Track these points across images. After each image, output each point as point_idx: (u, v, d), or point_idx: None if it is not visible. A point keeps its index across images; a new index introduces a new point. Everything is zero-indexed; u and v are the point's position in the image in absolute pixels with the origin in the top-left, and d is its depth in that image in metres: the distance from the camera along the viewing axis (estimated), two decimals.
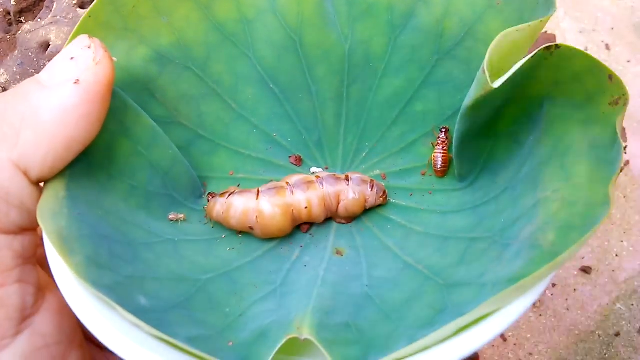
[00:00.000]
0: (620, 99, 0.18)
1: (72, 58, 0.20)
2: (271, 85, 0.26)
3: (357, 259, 0.23)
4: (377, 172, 0.26)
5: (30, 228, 0.20)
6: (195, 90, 0.25)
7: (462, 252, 0.21)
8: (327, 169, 0.26)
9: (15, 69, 0.58)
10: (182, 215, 0.23)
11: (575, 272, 0.64)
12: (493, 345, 0.59)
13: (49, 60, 0.59)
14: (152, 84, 0.24)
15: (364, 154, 0.26)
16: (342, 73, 0.25)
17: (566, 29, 0.66)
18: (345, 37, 0.25)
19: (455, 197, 0.24)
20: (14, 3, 0.59)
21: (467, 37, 0.24)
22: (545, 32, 0.65)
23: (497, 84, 0.19)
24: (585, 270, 0.69)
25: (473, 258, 0.20)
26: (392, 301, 0.20)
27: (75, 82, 0.20)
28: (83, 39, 0.21)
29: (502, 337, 0.61)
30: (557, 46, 0.19)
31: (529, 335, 0.67)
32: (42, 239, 0.22)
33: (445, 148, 0.24)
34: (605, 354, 0.67)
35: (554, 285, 0.71)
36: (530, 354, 0.68)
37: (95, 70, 0.20)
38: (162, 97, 0.24)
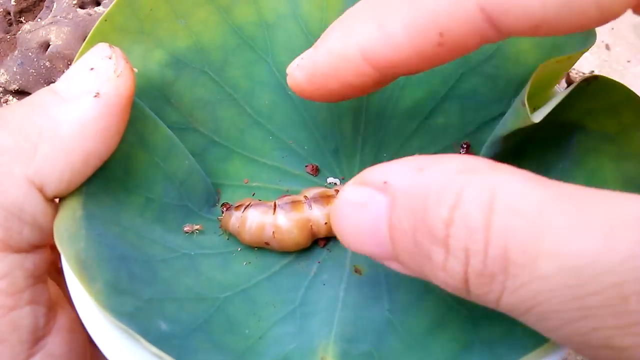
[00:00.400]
0: None
1: (91, 69, 0.20)
2: (289, 92, 0.25)
3: (377, 278, 0.22)
4: None
5: (41, 245, 0.20)
6: (211, 95, 0.25)
7: None
8: (343, 179, 0.26)
9: (15, 69, 0.58)
10: (198, 226, 0.23)
11: None
12: None
13: (49, 60, 0.58)
14: (167, 89, 0.24)
15: None
16: None
17: None
18: None
19: None
20: (13, 3, 0.58)
21: (495, 55, 0.23)
22: None
23: (537, 118, 0.18)
24: None
25: None
26: (415, 329, 0.20)
27: (96, 95, 0.19)
28: (103, 48, 0.20)
29: None
30: (595, 77, 0.19)
31: None
32: (53, 254, 0.22)
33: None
34: None
35: None
36: None
37: (117, 83, 0.19)
38: (178, 102, 0.24)
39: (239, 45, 0.25)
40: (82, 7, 0.60)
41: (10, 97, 0.57)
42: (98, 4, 0.61)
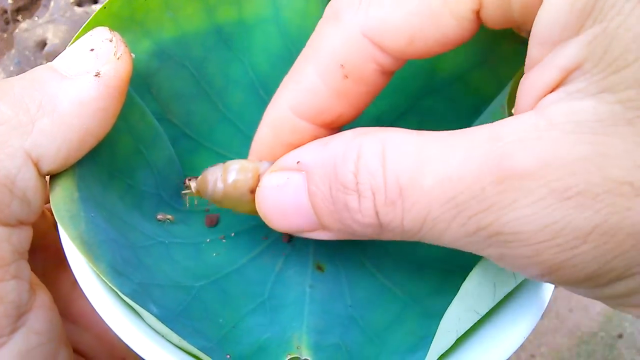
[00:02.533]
0: None
1: (92, 49, 0.20)
2: (261, 92, 0.26)
3: (338, 276, 0.23)
4: None
5: (26, 222, 0.20)
6: (188, 89, 0.25)
7: (438, 282, 0.21)
8: None
9: (12, 68, 0.58)
10: (170, 216, 0.23)
11: None
12: None
13: (46, 59, 0.59)
14: (150, 79, 0.24)
15: None
16: None
17: None
18: None
19: None
20: (11, 1, 0.59)
21: (457, 81, 0.24)
22: None
23: None
24: None
25: (449, 291, 0.20)
26: (375, 324, 0.21)
27: (96, 75, 0.19)
28: (103, 31, 0.20)
29: None
30: None
31: (531, 337, 0.67)
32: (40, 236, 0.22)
33: None
34: (607, 356, 0.67)
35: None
36: (533, 355, 0.67)
37: (116, 65, 0.20)
38: (157, 92, 0.25)
39: (217, 43, 0.25)
40: (79, 5, 0.61)
41: None
42: (95, 2, 0.62)
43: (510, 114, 0.19)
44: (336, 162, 0.17)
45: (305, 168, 0.19)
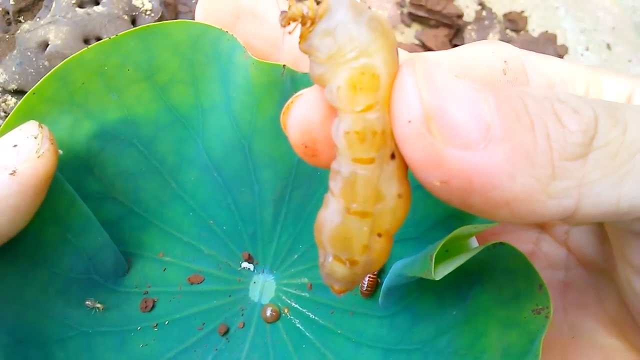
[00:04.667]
0: (543, 309, 0.18)
1: (15, 145, 0.20)
2: (215, 174, 0.26)
3: None
4: (305, 280, 0.25)
5: None
6: (136, 166, 0.25)
7: None
8: (257, 264, 0.26)
9: (14, 69, 0.58)
10: (100, 305, 0.23)
11: None
12: None
13: (47, 60, 0.59)
14: (92, 160, 0.24)
15: (295, 256, 0.26)
16: (288, 178, 0.25)
17: (567, 28, 0.65)
18: None
19: (372, 325, 0.24)
20: (12, 2, 0.59)
21: (420, 187, 0.24)
22: (546, 31, 0.64)
23: (438, 276, 0.19)
24: None
25: None
26: None
27: (12, 173, 0.19)
28: (32, 126, 0.20)
29: None
30: (501, 244, 0.19)
31: None
32: None
33: (374, 272, 0.24)
34: None
35: None
36: None
37: (35, 164, 0.19)
38: (100, 172, 0.24)
39: (171, 122, 0.25)
40: (81, 6, 0.61)
41: (9, 97, 0.59)
42: (97, 3, 0.61)
43: (444, 252, 0.19)
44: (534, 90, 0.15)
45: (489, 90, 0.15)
